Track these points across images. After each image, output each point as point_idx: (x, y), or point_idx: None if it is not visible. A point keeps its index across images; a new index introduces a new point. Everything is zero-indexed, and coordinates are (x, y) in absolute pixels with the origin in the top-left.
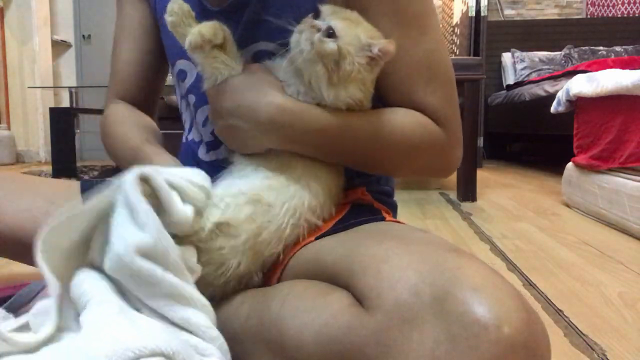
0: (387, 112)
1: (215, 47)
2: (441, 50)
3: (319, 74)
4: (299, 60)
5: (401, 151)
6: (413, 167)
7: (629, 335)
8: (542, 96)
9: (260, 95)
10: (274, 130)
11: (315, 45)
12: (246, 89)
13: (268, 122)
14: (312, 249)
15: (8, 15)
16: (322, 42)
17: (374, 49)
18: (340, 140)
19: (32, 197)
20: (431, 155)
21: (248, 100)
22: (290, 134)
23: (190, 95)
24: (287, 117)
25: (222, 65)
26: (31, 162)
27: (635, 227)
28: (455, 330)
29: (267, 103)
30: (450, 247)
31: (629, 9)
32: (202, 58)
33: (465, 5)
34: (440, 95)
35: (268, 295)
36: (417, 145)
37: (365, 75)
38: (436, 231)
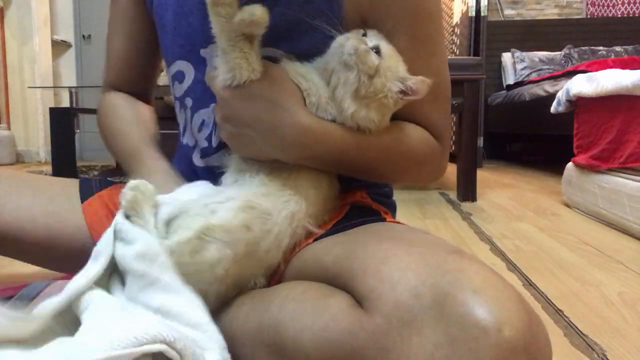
0: (398, 131)
1: (245, 38)
2: (446, 70)
3: (349, 81)
4: (335, 61)
5: (408, 166)
6: (413, 178)
7: (629, 335)
8: (542, 96)
9: (285, 114)
10: (294, 151)
11: (359, 52)
12: (269, 102)
13: (290, 143)
14: (312, 250)
15: (8, 15)
16: (367, 52)
17: (409, 82)
18: (356, 158)
19: (32, 195)
20: (430, 167)
21: (271, 116)
22: (310, 154)
23: (187, 99)
24: (311, 138)
25: (244, 62)
26: (31, 162)
27: (635, 227)
28: (455, 333)
29: (292, 124)
30: (450, 249)
31: (629, 9)
32: (226, 44)
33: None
34: (441, 112)
35: (267, 297)
36: (422, 160)
37: (390, 103)
38: (436, 231)
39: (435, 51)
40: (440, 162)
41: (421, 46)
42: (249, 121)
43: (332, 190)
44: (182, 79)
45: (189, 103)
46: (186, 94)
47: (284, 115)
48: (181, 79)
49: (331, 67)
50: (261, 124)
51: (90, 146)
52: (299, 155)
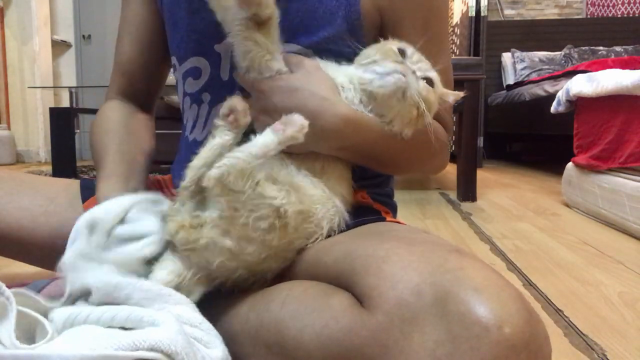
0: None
1: (255, 24)
2: (451, 68)
3: (408, 116)
4: (392, 100)
5: (425, 158)
6: (425, 169)
7: (629, 335)
8: (542, 96)
9: (325, 103)
10: (334, 140)
11: (420, 95)
12: (308, 92)
13: (332, 132)
14: (313, 249)
15: (8, 15)
16: (429, 92)
17: (450, 99)
18: (384, 150)
19: (32, 195)
20: (440, 158)
21: (312, 105)
22: (346, 144)
23: (205, 94)
24: (350, 129)
25: (253, 45)
26: (31, 162)
27: (635, 227)
28: (456, 330)
29: (333, 114)
30: (451, 248)
31: (629, 9)
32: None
33: (465, 5)
34: (447, 106)
35: (268, 296)
36: (436, 152)
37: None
38: (436, 231)
39: (444, 48)
40: (446, 155)
41: (432, 43)
42: (289, 111)
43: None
44: (197, 75)
45: (207, 98)
46: (204, 89)
47: (325, 104)
48: (197, 75)
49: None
50: (303, 114)
51: None
52: (336, 145)
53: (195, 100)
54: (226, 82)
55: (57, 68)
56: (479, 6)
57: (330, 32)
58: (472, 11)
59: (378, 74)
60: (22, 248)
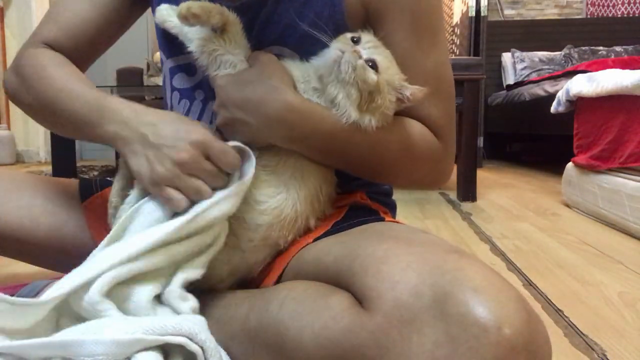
0: (393, 122)
1: (217, 31)
2: (448, 65)
3: (351, 98)
4: (332, 76)
5: (403, 162)
6: (411, 178)
7: (629, 335)
8: (542, 96)
9: (271, 91)
10: (281, 128)
11: (357, 71)
12: (258, 83)
13: (276, 119)
14: (312, 250)
15: (8, 15)
16: (365, 70)
17: (406, 92)
18: (345, 145)
19: (32, 195)
20: (429, 166)
21: (258, 94)
22: (297, 134)
23: (199, 91)
24: (297, 115)
25: (219, 48)
26: (31, 162)
27: (635, 227)
28: (456, 331)
29: (276, 99)
30: (450, 248)
31: (629, 9)
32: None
33: (465, 5)
34: (442, 109)
35: (267, 296)
36: (418, 157)
37: (390, 111)
38: (436, 231)
39: (436, 42)
40: (441, 163)
41: (421, 37)
42: (239, 103)
43: (329, 181)
44: (192, 72)
45: (200, 95)
46: (198, 86)
47: (272, 92)
48: (191, 72)
49: (329, 80)
50: (249, 103)
51: (90, 146)
52: (285, 134)
53: (188, 96)
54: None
55: None
56: (479, 6)
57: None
58: (472, 11)
59: (322, 56)
60: (22, 247)
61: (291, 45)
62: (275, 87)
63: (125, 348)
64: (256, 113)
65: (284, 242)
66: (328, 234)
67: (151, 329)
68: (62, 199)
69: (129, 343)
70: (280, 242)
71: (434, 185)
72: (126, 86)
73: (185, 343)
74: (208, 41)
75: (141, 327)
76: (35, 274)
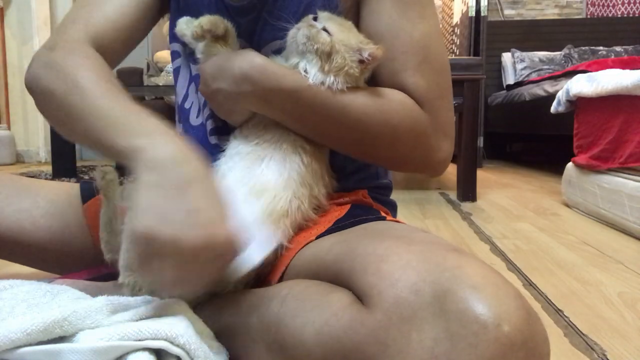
0: (367, 88)
1: (217, 38)
2: (437, 37)
3: (312, 62)
4: (294, 53)
5: (380, 130)
6: (395, 153)
7: (629, 335)
8: (542, 96)
9: (238, 54)
10: (245, 84)
11: (311, 35)
12: (229, 54)
13: (240, 75)
14: (313, 248)
15: (8, 15)
16: (318, 33)
17: (364, 53)
18: (312, 105)
19: (33, 198)
20: (412, 139)
21: (227, 59)
22: (260, 90)
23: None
24: (259, 71)
25: (220, 52)
26: (31, 162)
27: (635, 227)
28: (455, 328)
29: (241, 59)
30: (450, 247)
31: (629, 9)
32: (203, 47)
33: (465, 5)
34: (429, 80)
35: (267, 294)
36: (396, 124)
37: (355, 72)
38: (436, 231)
39: (424, 14)
40: (427, 137)
41: (408, 8)
42: (213, 72)
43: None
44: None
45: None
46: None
47: (238, 55)
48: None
49: (294, 62)
50: (220, 69)
51: None
52: (253, 95)
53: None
54: None
55: None
56: (479, 6)
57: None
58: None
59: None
60: (23, 250)
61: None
62: (241, 52)
63: (103, 356)
64: (225, 75)
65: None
66: (330, 231)
67: (127, 334)
68: (63, 202)
69: (105, 350)
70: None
71: (427, 169)
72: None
73: (166, 347)
74: (212, 47)
75: (117, 333)
76: (34, 274)
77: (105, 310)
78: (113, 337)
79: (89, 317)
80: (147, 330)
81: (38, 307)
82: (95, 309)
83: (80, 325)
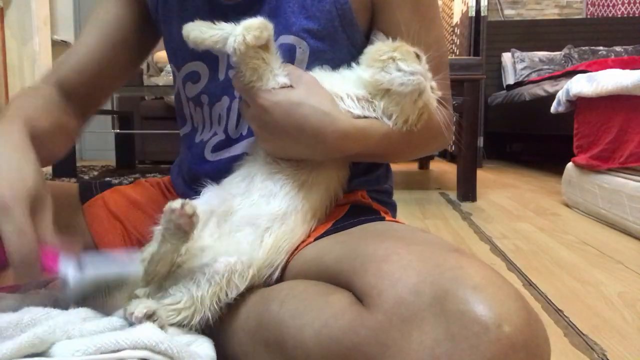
0: None
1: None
2: (443, 38)
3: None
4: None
5: (426, 143)
6: (427, 152)
7: (629, 335)
8: (542, 96)
9: (326, 119)
10: (334, 153)
11: (424, 97)
12: (309, 107)
13: (332, 148)
14: (313, 249)
15: (8, 15)
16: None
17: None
18: (387, 147)
19: None
20: (441, 138)
21: (312, 124)
22: (348, 154)
23: (203, 95)
24: (351, 141)
25: (263, 64)
26: None
27: (635, 227)
28: (456, 329)
29: (333, 131)
30: (450, 247)
31: (629, 9)
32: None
33: (465, 5)
34: (443, 79)
35: (267, 295)
36: (436, 135)
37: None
38: (436, 231)
39: (435, 20)
40: (447, 131)
41: (423, 15)
42: (291, 130)
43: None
44: (197, 78)
45: (205, 100)
46: (202, 92)
47: (326, 120)
48: (196, 78)
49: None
50: (303, 133)
51: (90, 146)
52: (337, 157)
53: (197, 102)
54: (222, 81)
55: None
56: (479, 6)
57: (321, 19)
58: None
59: (403, 72)
60: None
61: (299, 33)
62: (327, 114)
63: None
64: (311, 142)
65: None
66: (329, 232)
67: (104, 345)
68: (62, 202)
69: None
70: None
71: (441, 148)
72: (126, 86)
73: (147, 356)
74: (252, 57)
75: (94, 344)
76: None
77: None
78: (90, 349)
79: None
80: (125, 340)
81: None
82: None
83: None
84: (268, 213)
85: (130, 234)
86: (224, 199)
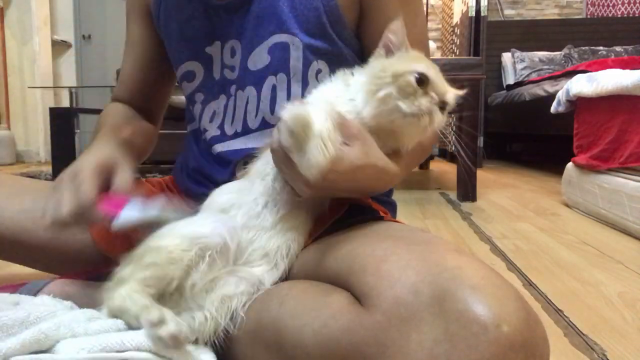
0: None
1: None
2: (426, 30)
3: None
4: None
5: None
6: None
7: (629, 335)
8: (542, 96)
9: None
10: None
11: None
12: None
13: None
14: (311, 249)
15: (8, 15)
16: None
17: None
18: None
19: (33, 199)
20: (429, 150)
21: (372, 184)
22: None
23: (198, 94)
24: (382, 184)
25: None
26: (31, 162)
27: (635, 227)
28: (454, 329)
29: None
30: (450, 247)
31: (629, 9)
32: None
33: (465, 5)
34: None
35: (266, 295)
36: (429, 149)
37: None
38: (436, 231)
39: (418, 12)
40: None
41: (409, 7)
42: (352, 191)
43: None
44: (191, 78)
45: (200, 98)
46: (197, 90)
47: (387, 179)
48: (191, 78)
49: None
50: (365, 190)
51: None
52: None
53: (191, 101)
54: (218, 80)
55: (57, 68)
56: (479, 6)
57: (310, 17)
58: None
59: (402, 114)
60: (23, 250)
61: (292, 32)
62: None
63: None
64: (359, 194)
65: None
66: (328, 232)
67: (109, 345)
68: None
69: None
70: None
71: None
72: None
73: (151, 359)
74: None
75: (99, 343)
76: (33, 274)
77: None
78: (95, 348)
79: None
80: (130, 342)
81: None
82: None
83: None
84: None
85: (130, 234)
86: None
